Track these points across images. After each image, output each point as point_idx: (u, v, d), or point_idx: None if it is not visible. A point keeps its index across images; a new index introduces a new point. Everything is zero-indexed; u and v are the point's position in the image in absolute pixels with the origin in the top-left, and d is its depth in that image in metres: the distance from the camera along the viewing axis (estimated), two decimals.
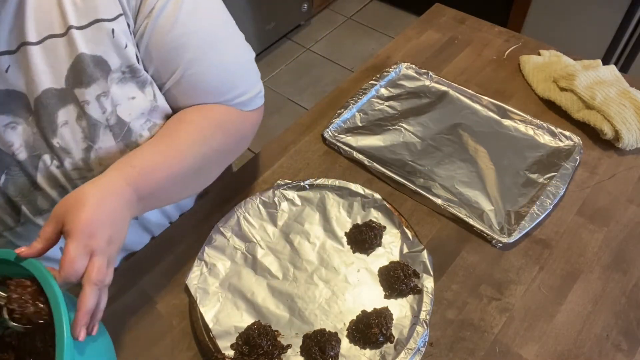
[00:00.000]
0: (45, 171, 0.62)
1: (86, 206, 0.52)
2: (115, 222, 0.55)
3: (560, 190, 0.83)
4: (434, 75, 1.03)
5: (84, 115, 0.61)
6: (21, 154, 0.60)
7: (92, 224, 0.52)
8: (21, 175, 0.61)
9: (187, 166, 0.65)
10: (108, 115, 0.63)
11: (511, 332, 0.70)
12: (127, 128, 0.64)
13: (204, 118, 0.68)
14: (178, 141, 0.65)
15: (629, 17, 1.69)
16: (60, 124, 0.61)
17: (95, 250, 0.51)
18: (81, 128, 0.62)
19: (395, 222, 0.79)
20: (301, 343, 0.68)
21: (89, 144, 0.63)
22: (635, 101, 0.91)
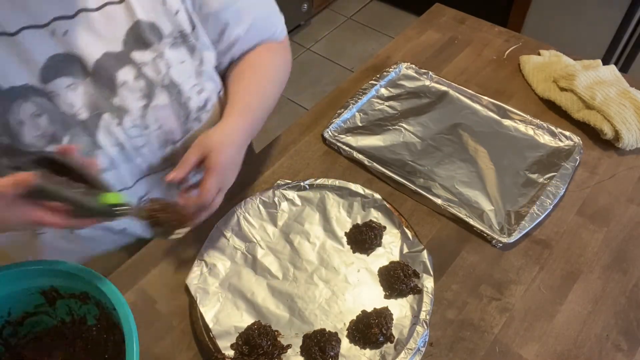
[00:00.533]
0: (106, 129, 0.66)
1: (226, 148, 0.67)
2: (237, 165, 0.71)
3: (560, 190, 0.83)
4: (434, 75, 1.03)
5: (141, 76, 0.66)
6: (83, 114, 0.64)
7: (227, 166, 0.67)
8: (83, 134, 0.64)
9: (270, 96, 0.80)
10: (162, 77, 0.68)
11: (511, 332, 0.70)
12: (178, 89, 0.70)
13: (266, 56, 0.82)
14: (260, 77, 0.80)
15: (629, 17, 1.69)
16: (119, 85, 0.65)
17: (222, 188, 0.67)
18: (139, 87, 0.67)
19: (395, 222, 0.79)
20: (301, 343, 0.68)
21: (146, 102, 0.68)
22: (635, 101, 0.91)
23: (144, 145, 0.70)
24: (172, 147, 0.73)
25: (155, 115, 0.69)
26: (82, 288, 0.60)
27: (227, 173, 0.68)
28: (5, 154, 0.62)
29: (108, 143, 0.67)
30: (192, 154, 0.66)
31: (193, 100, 0.72)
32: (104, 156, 0.67)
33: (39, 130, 0.61)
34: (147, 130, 0.69)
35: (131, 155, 0.70)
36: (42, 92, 0.60)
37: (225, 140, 0.67)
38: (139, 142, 0.69)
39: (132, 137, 0.68)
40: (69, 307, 0.64)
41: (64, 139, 0.63)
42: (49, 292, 0.62)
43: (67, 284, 0.60)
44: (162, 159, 0.74)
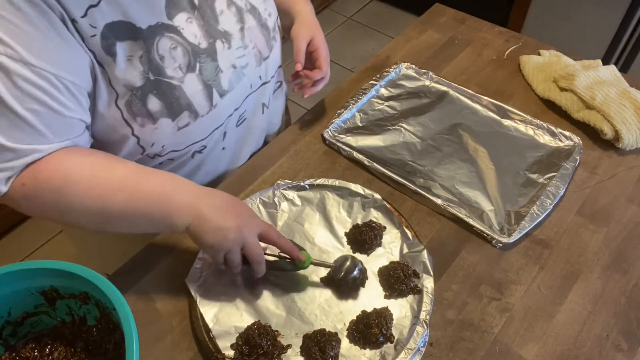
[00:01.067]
0: (222, 54, 0.75)
1: (318, 28, 0.90)
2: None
3: (560, 190, 0.83)
4: (434, 75, 1.03)
5: (232, 3, 0.76)
6: (203, 43, 0.72)
7: (325, 41, 0.89)
8: (208, 60, 0.73)
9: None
10: (245, 2, 0.78)
11: (511, 332, 0.70)
12: (258, 12, 0.81)
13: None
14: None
15: (629, 17, 1.69)
16: (219, 13, 0.74)
17: (328, 60, 0.89)
18: (233, 13, 0.76)
19: (395, 222, 0.79)
20: (301, 343, 0.68)
21: (241, 25, 0.77)
22: (635, 101, 0.91)
23: (246, 65, 0.79)
24: (264, 63, 0.83)
25: (250, 35, 0.79)
26: (82, 288, 0.60)
27: (327, 47, 0.88)
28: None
29: (225, 66, 0.75)
30: (301, 42, 0.84)
31: (269, 21, 0.83)
32: (225, 79, 0.75)
33: (177, 61, 0.69)
34: (247, 49, 0.79)
35: (240, 75, 0.78)
36: (172, 28, 0.68)
37: (316, 22, 0.88)
38: (243, 62, 0.78)
39: (239, 58, 0.77)
40: (68, 307, 0.64)
41: (197, 67, 0.71)
42: (49, 292, 0.62)
43: (67, 284, 0.60)
44: (258, 76, 0.83)
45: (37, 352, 0.64)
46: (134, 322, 0.54)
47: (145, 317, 0.71)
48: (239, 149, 0.90)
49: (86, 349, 0.64)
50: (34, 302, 0.63)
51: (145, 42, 0.66)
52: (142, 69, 0.66)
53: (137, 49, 0.65)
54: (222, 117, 0.78)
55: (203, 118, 0.74)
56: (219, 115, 0.77)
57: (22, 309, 0.63)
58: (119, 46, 0.64)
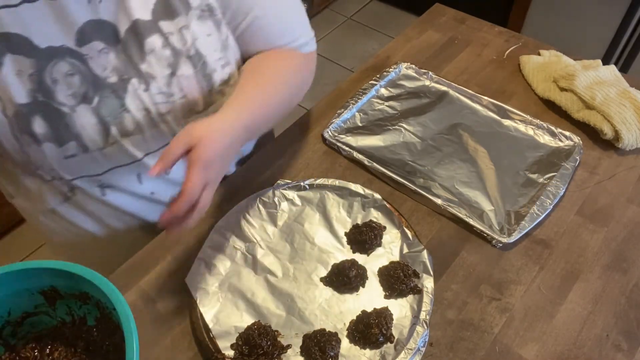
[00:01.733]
0: (134, 94, 0.69)
1: (212, 141, 0.61)
2: (227, 159, 0.66)
3: (560, 190, 0.83)
4: (434, 75, 1.03)
5: (168, 45, 0.69)
6: (112, 77, 0.67)
7: (214, 159, 0.61)
8: (112, 97, 0.68)
9: (275, 102, 0.75)
10: (188, 47, 0.70)
11: (511, 332, 0.70)
12: (203, 61, 0.72)
13: (282, 63, 0.78)
14: (269, 79, 0.75)
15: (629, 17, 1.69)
16: (147, 52, 0.68)
17: (209, 182, 0.61)
18: (165, 56, 0.69)
19: (395, 222, 0.79)
20: (301, 343, 0.68)
21: (172, 71, 0.70)
22: (635, 101, 0.91)
23: (168, 112, 0.72)
24: (195, 116, 0.75)
25: (180, 84, 0.71)
26: (82, 288, 0.60)
27: (214, 168, 0.61)
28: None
29: (135, 107, 0.69)
30: (177, 146, 0.60)
31: (217, 73, 0.74)
32: (131, 119, 0.70)
33: (71, 88, 0.65)
34: (172, 98, 0.71)
35: (156, 121, 0.72)
36: (77, 54, 0.64)
37: (215, 134, 0.62)
38: (164, 109, 0.72)
39: (158, 103, 0.71)
40: (68, 307, 0.64)
41: (94, 99, 0.67)
42: (49, 292, 0.62)
43: (67, 284, 0.60)
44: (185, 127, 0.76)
45: (37, 352, 0.64)
46: (134, 322, 0.54)
47: (145, 317, 0.71)
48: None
49: (86, 349, 0.64)
50: (34, 302, 0.63)
51: (39, 61, 0.62)
52: (31, 87, 0.63)
53: (29, 66, 0.62)
54: (126, 159, 0.73)
55: (95, 153, 0.70)
56: (119, 155, 0.72)
57: (22, 309, 0.63)
58: (9, 58, 0.61)
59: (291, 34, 0.79)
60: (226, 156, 0.65)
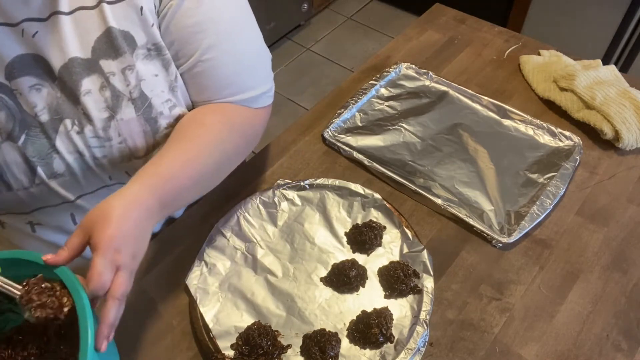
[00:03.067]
0: (65, 135, 0.64)
1: (112, 222, 0.53)
2: (139, 237, 0.56)
3: (560, 190, 0.83)
4: (434, 75, 1.03)
5: (108, 85, 0.64)
6: (43, 115, 0.63)
7: (118, 240, 0.53)
8: (41, 137, 0.63)
9: (205, 170, 0.66)
10: (132, 89, 0.65)
11: (511, 332, 0.70)
12: (148, 103, 0.67)
13: (219, 120, 0.70)
14: (197, 146, 0.66)
15: (629, 17, 1.69)
16: (83, 92, 0.63)
17: (121, 265, 0.53)
18: (104, 98, 0.64)
19: (395, 222, 0.79)
20: (301, 343, 0.68)
21: (110, 114, 0.65)
22: (635, 101, 0.91)
23: (104, 157, 0.67)
24: (136, 161, 0.70)
25: (119, 128, 0.66)
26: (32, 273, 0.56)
27: (124, 250, 0.53)
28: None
29: (65, 149, 0.65)
30: (75, 235, 0.53)
31: (164, 115, 0.68)
32: (60, 161, 0.65)
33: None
34: (110, 142, 0.66)
35: (90, 165, 0.67)
36: (6, 88, 0.61)
37: (115, 211, 0.54)
38: (99, 153, 0.67)
39: (92, 147, 0.66)
40: None
41: (21, 138, 0.62)
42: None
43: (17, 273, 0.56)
44: (124, 172, 0.71)
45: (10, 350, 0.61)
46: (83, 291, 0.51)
47: (145, 317, 0.71)
48: None
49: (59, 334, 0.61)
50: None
51: None
52: None
53: None
54: (56, 199, 0.69)
55: (20, 192, 0.66)
56: (47, 196, 0.68)
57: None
58: None
59: (241, 85, 0.71)
60: (136, 234, 0.56)
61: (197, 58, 0.67)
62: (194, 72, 0.69)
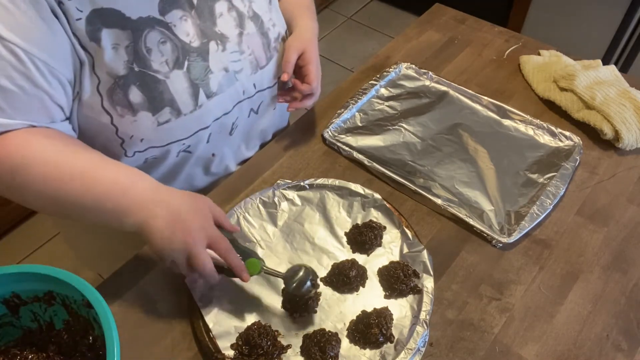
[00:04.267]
0: (214, 55, 0.74)
1: (314, 45, 0.86)
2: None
3: (560, 190, 0.83)
4: (434, 75, 1.03)
5: (232, 8, 0.76)
6: (195, 42, 0.72)
7: (318, 59, 0.88)
8: (199, 60, 0.73)
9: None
10: (248, 9, 0.78)
11: (511, 332, 0.70)
12: (260, 20, 0.80)
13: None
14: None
15: (629, 17, 1.69)
16: (218, 15, 0.74)
17: (319, 78, 0.87)
18: (232, 17, 0.76)
19: (395, 222, 0.79)
20: (301, 343, 0.68)
21: (240, 30, 0.77)
22: (635, 101, 0.91)
23: (241, 70, 0.78)
24: (260, 72, 0.81)
25: (248, 42, 0.78)
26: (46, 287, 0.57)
27: (319, 65, 0.85)
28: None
29: (217, 67, 0.75)
30: (292, 54, 0.81)
31: (271, 31, 0.82)
32: (214, 80, 0.75)
33: (164, 56, 0.69)
34: (243, 55, 0.78)
35: (232, 79, 0.77)
36: (163, 23, 0.69)
37: (312, 38, 0.85)
38: (237, 67, 0.78)
39: (233, 62, 0.77)
40: (33, 312, 0.61)
41: (185, 64, 0.71)
42: (11, 300, 0.59)
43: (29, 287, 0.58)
44: (252, 84, 0.81)
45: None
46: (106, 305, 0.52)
47: (145, 317, 0.71)
48: (231, 155, 0.89)
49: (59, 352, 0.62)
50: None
51: (134, 32, 0.66)
52: (127, 59, 0.66)
53: (124, 39, 0.65)
54: (208, 119, 0.77)
55: (186, 117, 0.73)
56: (204, 117, 0.76)
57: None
58: (105, 33, 0.64)
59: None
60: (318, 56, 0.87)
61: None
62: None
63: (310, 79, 0.82)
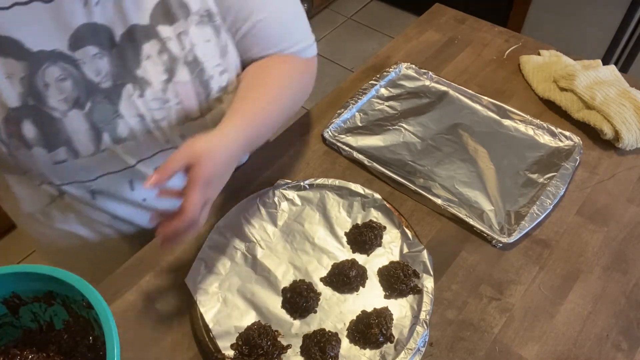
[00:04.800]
0: (128, 99, 0.68)
1: (214, 160, 0.60)
2: (226, 174, 0.66)
3: (560, 190, 0.83)
4: (434, 75, 1.03)
5: (165, 50, 0.68)
6: (107, 82, 0.66)
7: (214, 177, 0.61)
8: (105, 102, 0.66)
9: (277, 112, 0.74)
10: (186, 53, 0.69)
11: (511, 332, 0.70)
12: (201, 67, 0.71)
13: (284, 69, 0.78)
14: (271, 92, 0.74)
15: (629, 17, 1.69)
16: (143, 57, 0.67)
17: (208, 200, 0.61)
18: (162, 62, 0.68)
19: (395, 222, 0.79)
20: (301, 343, 0.68)
21: (168, 77, 0.69)
22: (635, 101, 0.91)
23: (163, 119, 0.71)
24: (190, 123, 0.74)
25: (176, 90, 0.70)
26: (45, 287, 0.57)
27: (213, 185, 0.62)
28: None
29: (128, 113, 0.68)
30: (178, 161, 0.59)
31: (215, 79, 0.73)
32: (124, 125, 0.69)
33: (63, 93, 0.64)
34: (167, 104, 0.70)
35: (150, 128, 0.71)
36: (70, 59, 0.63)
37: (217, 150, 0.61)
38: (159, 115, 0.70)
39: (152, 110, 0.70)
40: (33, 312, 0.61)
41: (87, 105, 0.65)
42: (10, 300, 0.59)
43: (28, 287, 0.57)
44: (180, 135, 0.75)
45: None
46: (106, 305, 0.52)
47: (145, 317, 0.71)
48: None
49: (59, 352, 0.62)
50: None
51: (31, 65, 0.61)
52: (22, 91, 0.62)
53: (20, 70, 0.61)
54: (118, 165, 0.72)
55: (86, 159, 0.68)
56: (110, 161, 0.71)
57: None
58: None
59: (291, 39, 0.78)
60: (225, 172, 0.65)
61: (254, 19, 0.73)
62: (252, 33, 0.74)
63: (185, 207, 0.57)
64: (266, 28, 0.74)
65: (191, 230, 0.59)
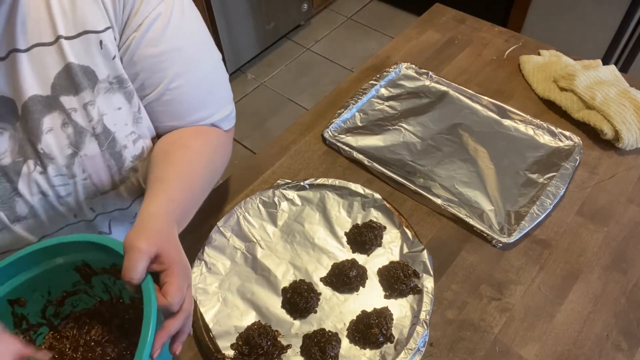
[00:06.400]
0: (28, 177, 0.62)
1: (178, 244, 0.55)
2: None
3: (560, 190, 0.83)
4: (434, 75, 1.03)
5: (70, 122, 0.62)
6: (5, 159, 0.60)
7: (186, 261, 0.55)
8: (2, 180, 0.61)
9: (201, 190, 0.68)
10: (94, 124, 0.63)
11: (511, 332, 0.70)
12: (112, 137, 0.65)
13: (204, 142, 0.71)
14: (193, 169, 0.67)
15: (629, 17, 1.69)
16: (45, 130, 0.61)
17: (190, 283, 0.55)
18: (66, 135, 0.62)
19: (395, 222, 0.79)
20: (301, 343, 0.68)
21: (74, 151, 0.63)
22: (635, 101, 0.91)
23: (69, 195, 0.65)
24: (102, 196, 0.68)
25: (83, 164, 0.64)
26: (111, 260, 0.57)
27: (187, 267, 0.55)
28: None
29: (28, 191, 0.62)
30: (138, 262, 0.50)
31: (129, 149, 0.67)
32: (24, 204, 0.63)
33: None
34: (74, 179, 0.64)
35: (54, 204, 0.65)
36: None
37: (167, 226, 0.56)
38: (64, 192, 0.65)
39: (56, 186, 0.64)
40: (104, 284, 0.61)
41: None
42: (82, 268, 0.59)
43: (96, 258, 0.57)
44: (90, 208, 0.69)
45: (76, 330, 0.62)
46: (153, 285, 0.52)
47: None
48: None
49: (121, 326, 0.62)
50: (71, 280, 0.61)
51: None
52: None
53: None
54: (18, 243, 0.66)
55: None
56: (9, 240, 0.65)
57: (60, 287, 0.61)
58: None
59: (208, 109, 0.72)
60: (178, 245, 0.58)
61: (165, 86, 0.67)
62: (163, 101, 0.68)
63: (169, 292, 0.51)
64: (178, 97, 0.68)
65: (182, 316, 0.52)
